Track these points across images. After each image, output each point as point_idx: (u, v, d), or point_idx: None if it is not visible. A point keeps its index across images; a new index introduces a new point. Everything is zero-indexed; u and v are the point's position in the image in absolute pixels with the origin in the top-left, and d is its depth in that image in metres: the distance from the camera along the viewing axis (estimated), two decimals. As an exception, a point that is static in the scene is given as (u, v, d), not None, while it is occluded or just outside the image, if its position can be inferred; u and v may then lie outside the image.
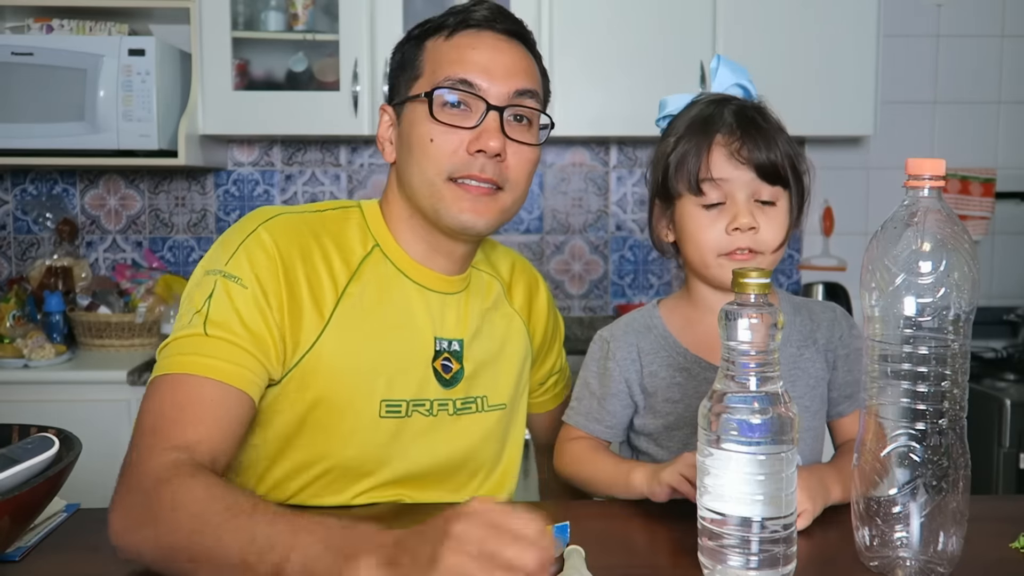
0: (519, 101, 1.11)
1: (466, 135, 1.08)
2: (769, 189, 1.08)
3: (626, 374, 1.17)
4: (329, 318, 1.08)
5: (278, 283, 1.05)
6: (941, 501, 0.85)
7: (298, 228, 1.10)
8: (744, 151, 1.07)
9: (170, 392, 0.98)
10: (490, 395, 1.20)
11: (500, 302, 1.26)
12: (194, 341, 1.00)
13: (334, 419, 1.08)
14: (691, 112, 1.13)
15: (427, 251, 1.16)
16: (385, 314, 1.12)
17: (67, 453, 0.90)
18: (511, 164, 1.11)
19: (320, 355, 1.07)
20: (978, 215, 2.88)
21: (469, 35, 1.12)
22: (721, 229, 1.08)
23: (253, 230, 1.08)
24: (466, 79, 1.08)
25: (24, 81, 2.35)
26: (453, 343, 1.16)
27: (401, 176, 1.14)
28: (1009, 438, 2.27)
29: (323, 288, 1.08)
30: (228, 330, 1.01)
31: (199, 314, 1.02)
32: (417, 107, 1.10)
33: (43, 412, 2.00)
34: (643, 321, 1.19)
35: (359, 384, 1.09)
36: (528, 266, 1.35)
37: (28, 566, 0.92)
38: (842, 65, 2.52)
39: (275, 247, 1.06)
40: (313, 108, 2.50)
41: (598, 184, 2.89)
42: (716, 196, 1.08)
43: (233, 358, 1.00)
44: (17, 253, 2.80)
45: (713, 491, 0.83)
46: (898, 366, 0.85)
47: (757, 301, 0.81)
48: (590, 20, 2.49)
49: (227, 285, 1.03)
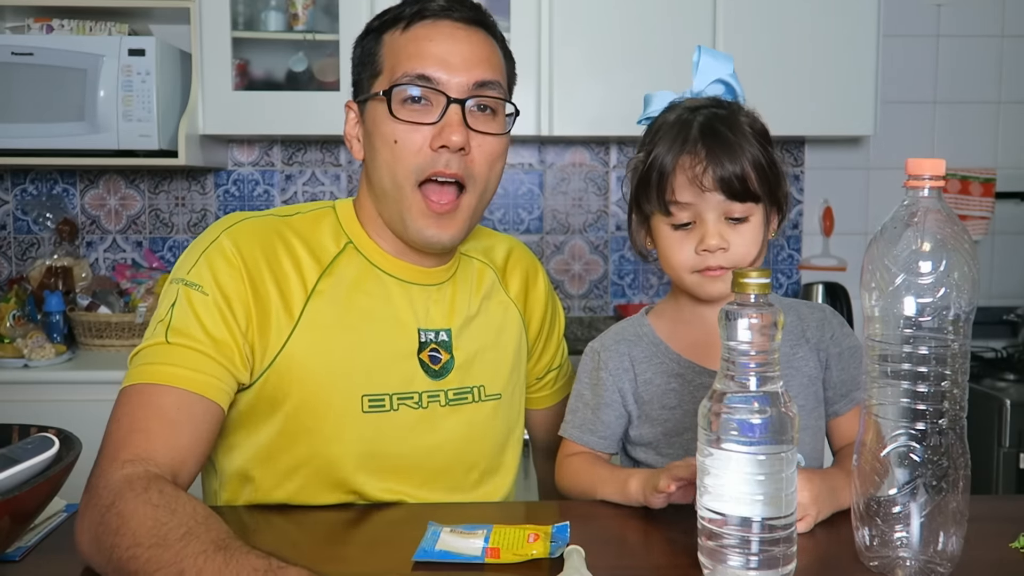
0: (481, 92, 1.09)
1: (428, 131, 1.07)
2: (740, 206, 1.06)
3: (619, 384, 1.16)
4: (299, 317, 1.08)
5: (242, 288, 1.05)
6: (941, 501, 0.85)
7: (262, 231, 1.10)
8: (709, 174, 1.04)
9: (134, 404, 0.98)
10: (487, 384, 1.19)
11: (495, 290, 1.25)
12: (157, 350, 1.01)
13: (316, 417, 1.08)
14: (662, 124, 1.10)
15: (400, 248, 1.15)
16: (361, 309, 1.11)
17: (67, 453, 0.90)
18: (476, 158, 1.10)
19: (292, 354, 1.07)
20: (978, 215, 2.88)
21: (425, 26, 1.10)
22: (691, 249, 1.08)
23: (215, 238, 1.08)
24: (424, 73, 1.07)
25: (24, 81, 2.35)
26: (440, 333, 1.16)
27: (370, 177, 1.14)
28: (1009, 438, 2.27)
29: (291, 288, 1.08)
30: (190, 337, 1.01)
31: (162, 323, 1.03)
32: (378, 106, 1.10)
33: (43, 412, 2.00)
34: (633, 330, 1.19)
35: (336, 380, 1.08)
36: (527, 254, 1.33)
37: (28, 566, 0.92)
38: (842, 65, 2.52)
39: (237, 252, 1.07)
40: (313, 108, 2.50)
41: (598, 184, 2.89)
42: (686, 216, 1.07)
43: (195, 365, 1.00)
44: (17, 253, 2.80)
45: (713, 491, 0.83)
46: (898, 366, 0.85)
47: (757, 301, 0.81)
48: (590, 20, 2.49)
49: (188, 293, 1.04)
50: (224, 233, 1.09)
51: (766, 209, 1.09)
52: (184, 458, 0.97)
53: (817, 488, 0.98)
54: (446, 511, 1.07)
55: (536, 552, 0.91)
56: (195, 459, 0.99)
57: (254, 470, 1.11)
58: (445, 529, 0.95)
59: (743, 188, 1.05)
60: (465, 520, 0.98)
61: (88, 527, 0.89)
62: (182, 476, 0.97)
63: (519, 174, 2.87)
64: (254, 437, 1.10)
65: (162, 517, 0.84)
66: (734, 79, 1.14)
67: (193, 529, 0.83)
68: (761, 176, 1.07)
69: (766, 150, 1.08)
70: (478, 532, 0.94)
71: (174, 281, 1.07)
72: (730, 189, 1.05)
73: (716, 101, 1.12)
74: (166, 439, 0.96)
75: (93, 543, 0.88)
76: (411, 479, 1.13)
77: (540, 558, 0.90)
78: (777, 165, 1.09)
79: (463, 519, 0.99)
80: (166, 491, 0.88)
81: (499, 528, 0.96)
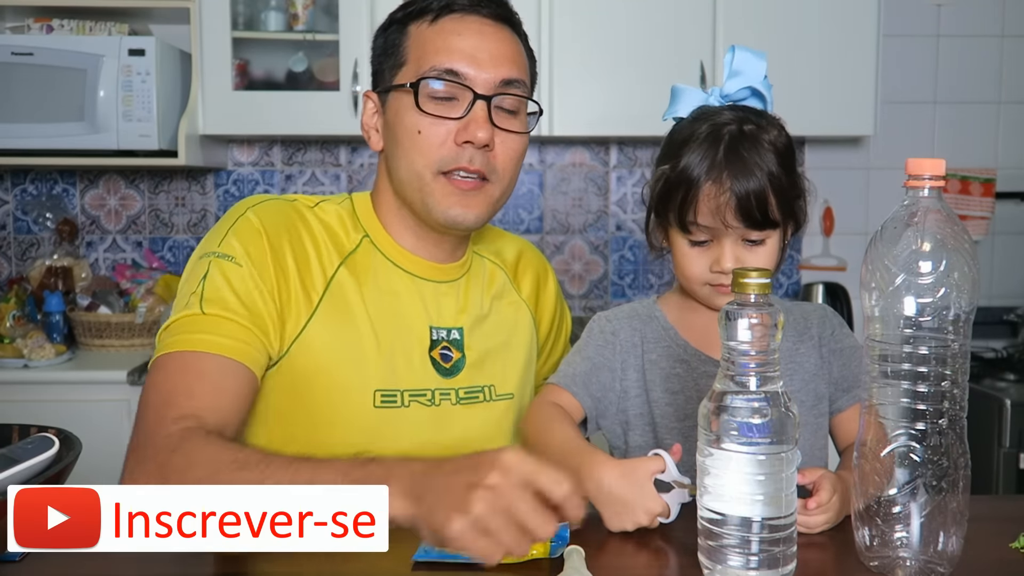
0: (506, 90, 1.10)
1: (453, 126, 1.07)
2: (758, 233, 1.07)
3: (625, 355, 1.16)
4: (317, 305, 1.08)
5: (267, 263, 1.05)
6: (941, 501, 0.85)
7: (287, 213, 1.11)
8: (732, 206, 1.03)
9: (172, 369, 0.98)
10: (498, 384, 1.19)
11: (507, 290, 1.25)
12: (192, 320, 1.01)
13: (330, 409, 1.08)
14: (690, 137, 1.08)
15: (417, 241, 1.15)
16: (374, 304, 1.12)
17: (67, 453, 0.90)
18: (499, 154, 1.10)
19: (309, 343, 1.07)
20: (978, 215, 2.88)
21: (454, 20, 1.10)
22: (706, 265, 1.08)
23: (242, 213, 1.09)
24: (452, 68, 1.07)
25: (24, 81, 2.35)
26: (452, 332, 1.16)
27: (389, 167, 1.14)
28: (1009, 438, 2.27)
29: (312, 273, 1.09)
30: (225, 307, 1.01)
31: (195, 295, 1.02)
32: (403, 97, 1.09)
33: (43, 412, 2.00)
34: (645, 311, 1.20)
35: (350, 373, 1.09)
36: (537, 255, 1.34)
37: (28, 566, 0.92)
38: (842, 65, 2.52)
39: (263, 228, 1.07)
40: (313, 108, 2.50)
41: (598, 184, 2.89)
42: (703, 236, 1.08)
43: (232, 333, 1.00)
44: (17, 253, 2.80)
45: (713, 491, 0.83)
46: (898, 366, 0.85)
47: (757, 301, 0.81)
48: (590, 20, 2.49)
49: (221, 265, 1.04)
50: (251, 209, 1.09)
51: (784, 227, 1.10)
52: (228, 421, 0.97)
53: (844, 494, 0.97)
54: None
55: (536, 552, 0.91)
56: (237, 424, 0.99)
57: None
58: (445, 529, 0.95)
59: (763, 217, 1.05)
60: (465, 520, 0.98)
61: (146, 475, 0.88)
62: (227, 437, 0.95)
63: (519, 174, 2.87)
64: (267, 424, 1.10)
65: (232, 449, 0.86)
66: (765, 84, 1.13)
67: (267, 457, 0.84)
68: (781, 200, 1.06)
69: (789, 169, 1.08)
70: (478, 532, 0.94)
71: (204, 256, 1.06)
72: (750, 218, 1.05)
73: (743, 115, 1.09)
74: (210, 401, 0.96)
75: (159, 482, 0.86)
76: None
77: (540, 558, 0.90)
78: (798, 184, 1.09)
79: (463, 519, 0.99)
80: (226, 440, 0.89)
81: (499, 528, 0.96)
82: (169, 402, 0.95)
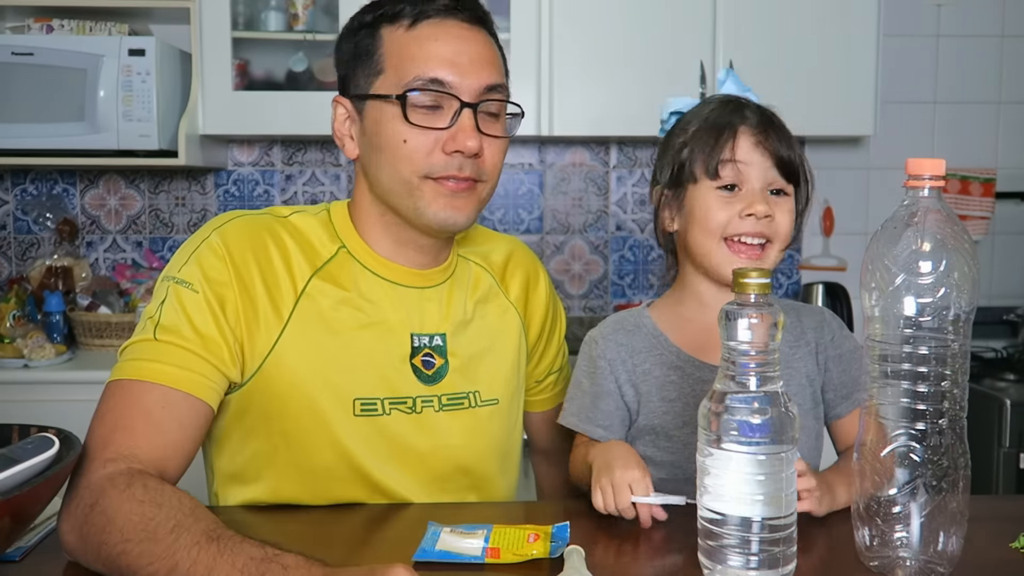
0: (490, 96, 1.09)
1: (441, 135, 1.07)
2: (783, 181, 1.12)
3: (615, 372, 1.16)
4: (288, 318, 1.08)
5: (230, 287, 1.05)
6: (941, 501, 0.85)
7: (253, 230, 1.10)
8: (768, 142, 1.11)
9: (115, 400, 0.99)
10: (483, 390, 1.18)
11: (493, 293, 1.24)
12: (144, 346, 1.01)
13: (308, 420, 1.08)
14: (709, 106, 1.16)
15: (398, 248, 1.15)
16: (351, 313, 1.11)
17: (67, 453, 0.90)
18: (486, 158, 1.10)
19: (282, 357, 1.07)
20: (978, 215, 2.88)
21: (432, 25, 1.09)
22: (734, 212, 1.09)
23: (206, 237, 1.09)
24: (436, 77, 1.06)
25: (24, 81, 2.35)
26: (435, 338, 1.15)
27: (369, 175, 1.13)
28: (1009, 438, 2.27)
29: (280, 289, 1.08)
30: (178, 334, 1.01)
31: (151, 320, 1.03)
32: (385, 107, 1.08)
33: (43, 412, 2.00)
34: (632, 321, 1.19)
35: (327, 383, 1.08)
36: (528, 255, 1.33)
37: (28, 566, 0.92)
38: (842, 65, 2.52)
39: (226, 251, 1.07)
40: (313, 108, 2.49)
41: (598, 184, 2.89)
42: (733, 178, 1.10)
43: (182, 362, 1.00)
44: (17, 253, 2.80)
45: (713, 491, 0.83)
46: (898, 366, 0.85)
47: (757, 301, 0.81)
48: (590, 20, 2.48)
49: (178, 291, 1.04)
50: (215, 232, 1.09)
51: (797, 198, 1.14)
52: (168, 456, 0.97)
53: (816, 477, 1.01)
54: (446, 511, 1.07)
55: (536, 552, 0.91)
56: (181, 457, 0.99)
57: (250, 472, 1.11)
58: (445, 529, 0.95)
59: (791, 166, 1.12)
60: (465, 520, 0.98)
61: (72, 527, 0.90)
62: (168, 474, 0.97)
63: (519, 174, 2.87)
64: (248, 439, 1.10)
65: (149, 512, 0.85)
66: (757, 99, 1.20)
67: (182, 522, 0.83)
68: (801, 165, 1.14)
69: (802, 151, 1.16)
70: (478, 532, 0.94)
71: (165, 279, 1.07)
72: (782, 162, 1.11)
73: None
74: (150, 437, 0.96)
75: (79, 542, 0.88)
76: (406, 484, 1.13)
77: (540, 558, 0.90)
78: (807, 164, 1.16)
79: (463, 519, 0.99)
80: (150, 485, 0.88)
81: (499, 528, 0.96)
82: (107, 439, 0.95)
